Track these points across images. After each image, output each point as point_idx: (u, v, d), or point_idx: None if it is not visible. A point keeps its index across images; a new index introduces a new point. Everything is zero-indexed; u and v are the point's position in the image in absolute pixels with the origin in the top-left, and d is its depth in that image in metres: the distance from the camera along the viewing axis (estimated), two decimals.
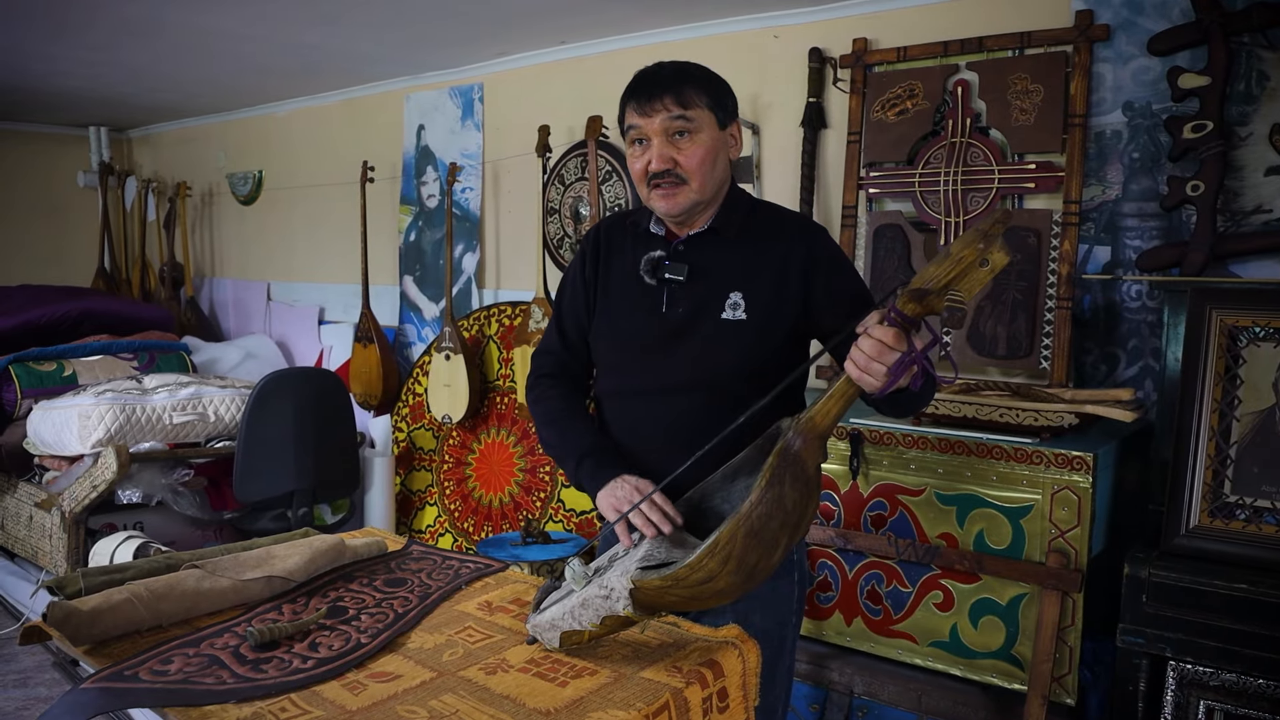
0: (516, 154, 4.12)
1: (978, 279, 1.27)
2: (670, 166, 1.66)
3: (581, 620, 1.47)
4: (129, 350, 4.29)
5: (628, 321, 1.79)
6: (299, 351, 5.22)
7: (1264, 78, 2.43)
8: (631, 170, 1.72)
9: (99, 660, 1.48)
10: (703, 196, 1.70)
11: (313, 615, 1.64)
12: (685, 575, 1.34)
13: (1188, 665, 2.02)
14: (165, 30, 3.64)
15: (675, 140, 1.66)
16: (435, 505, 4.26)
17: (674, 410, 1.74)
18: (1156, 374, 2.60)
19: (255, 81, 4.70)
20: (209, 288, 6.02)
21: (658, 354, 1.75)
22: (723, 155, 1.72)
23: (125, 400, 3.45)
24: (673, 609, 1.45)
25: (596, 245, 1.86)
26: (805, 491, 1.35)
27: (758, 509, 1.30)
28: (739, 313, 1.69)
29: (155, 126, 6.24)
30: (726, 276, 1.71)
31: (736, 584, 1.34)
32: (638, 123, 1.67)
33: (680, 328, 1.73)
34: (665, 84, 1.65)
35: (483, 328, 4.18)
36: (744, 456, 1.56)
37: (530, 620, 1.57)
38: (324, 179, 5.07)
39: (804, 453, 1.35)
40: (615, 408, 1.84)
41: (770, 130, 3.37)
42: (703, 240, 1.74)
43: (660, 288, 1.74)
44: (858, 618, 2.50)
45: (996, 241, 1.27)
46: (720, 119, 1.69)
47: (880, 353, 1.30)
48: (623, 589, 1.40)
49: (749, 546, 1.31)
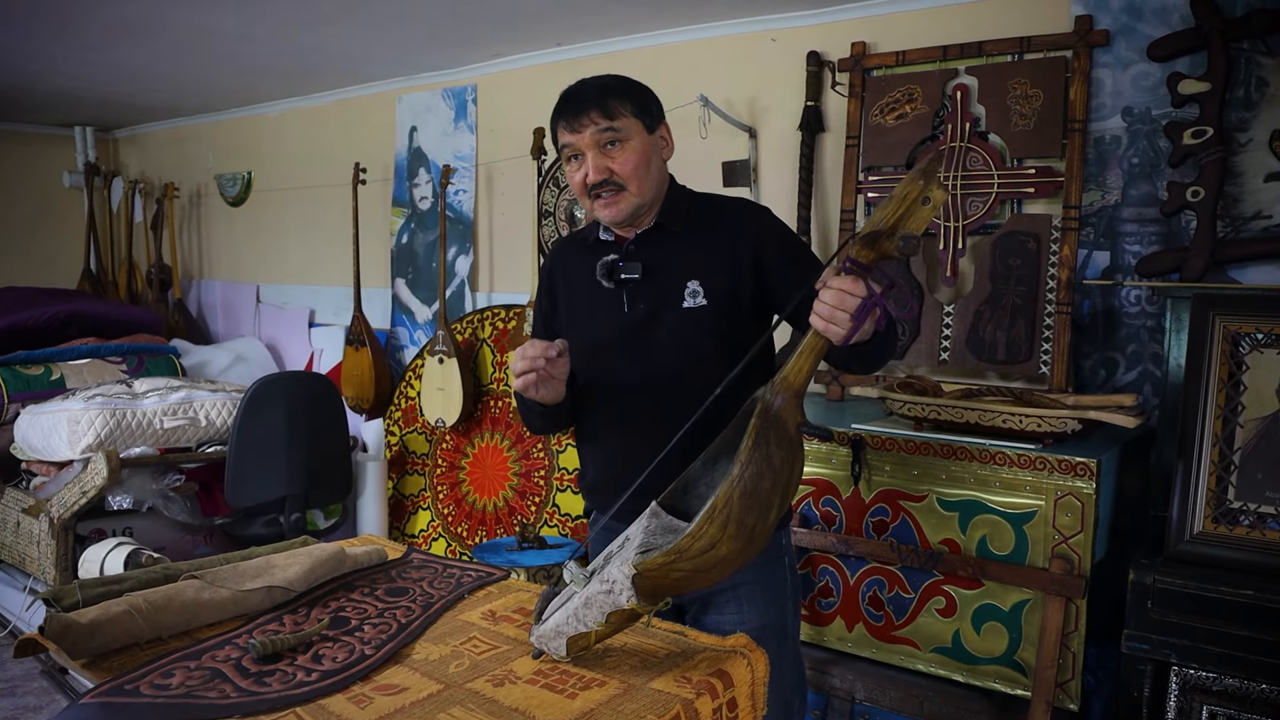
0: (510, 156, 4.10)
1: (923, 216, 1.34)
2: (607, 176, 1.74)
3: (586, 621, 1.46)
4: (117, 354, 4.24)
5: (594, 328, 1.84)
6: (289, 354, 5.18)
7: (1263, 84, 2.43)
8: (571, 184, 1.79)
9: (97, 674, 1.45)
10: (643, 199, 1.77)
11: (315, 626, 1.62)
12: (688, 545, 1.35)
13: (1191, 671, 2.01)
14: (162, 30, 3.60)
15: (608, 150, 1.73)
16: (428, 510, 4.23)
17: (652, 405, 1.78)
18: (1156, 379, 2.60)
19: (248, 82, 4.66)
20: (197, 290, 5.97)
21: (627, 352, 1.81)
22: (656, 157, 1.79)
23: (116, 405, 3.41)
24: (677, 589, 1.45)
25: (551, 273, 1.94)
26: (790, 450, 1.38)
27: (748, 469, 1.34)
28: (699, 299, 1.76)
29: (142, 127, 6.18)
30: (681, 267, 1.78)
31: (738, 549, 1.36)
32: (569, 139, 1.75)
33: (644, 323, 1.79)
34: (590, 99, 1.73)
35: (476, 331, 4.15)
36: (722, 439, 1.57)
37: (534, 632, 1.55)
38: (315, 180, 5.03)
39: (783, 412, 1.40)
40: (596, 413, 1.89)
41: (767, 134, 3.36)
42: (651, 237, 1.81)
43: (619, 289, 1.80)
44: (859, 623, 2.49)
45: (935, 179, 1.34)
46: (647, 124, 1.77)
47: (842, 300, 1.35)
48: (624, 578, 1.40)
49: (745, 508, 1.33)
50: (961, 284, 2.89)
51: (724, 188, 3.34)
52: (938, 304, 2.87)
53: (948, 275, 2.87)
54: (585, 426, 1.93)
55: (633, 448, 1.77)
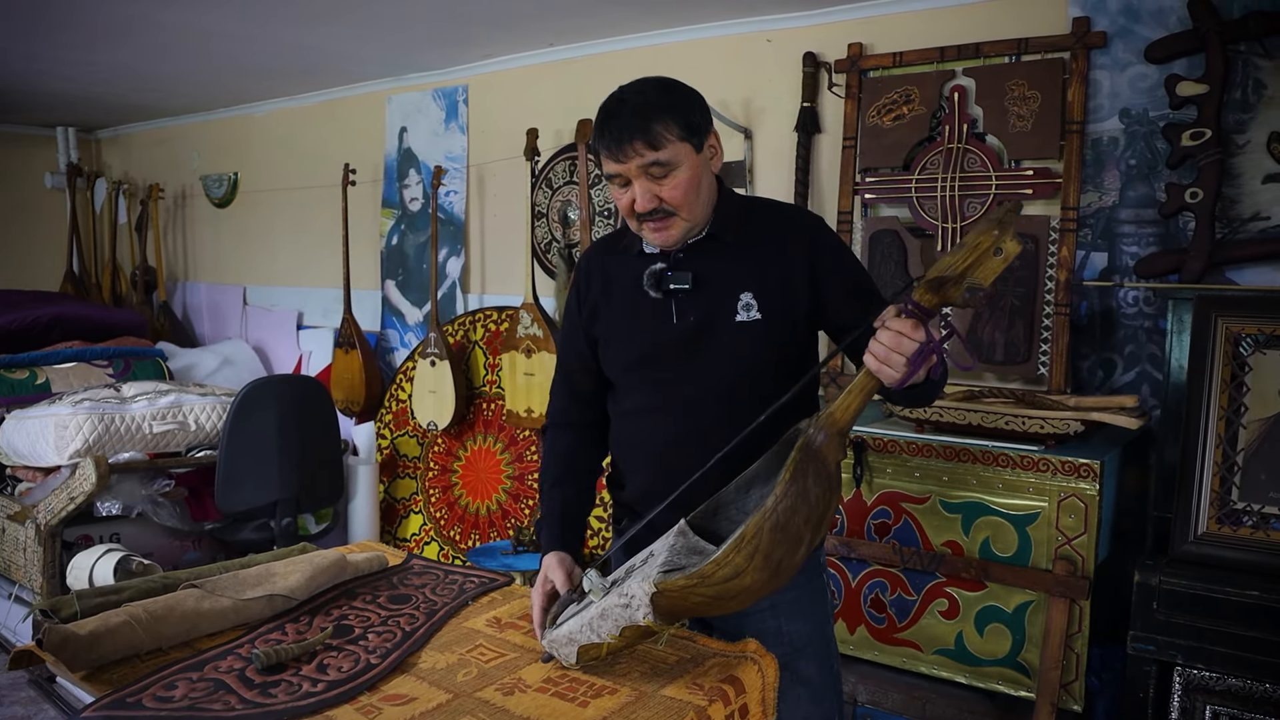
0: (502, 157, 4.07)
1: (992, 267, 1.31)
2: (656, 205, 1.61)
3: (600, 632, 1.44)
4: (103, 357, 4.18)
5: (639, 338, 1.74)
6: (277, 357, 5.13)
7: (1261, 86, 2.44)
8: (618, 205, 1.67)
9: (97, 686, 1.42)
10: (694, 222, 1.66)
11: (318, 635, 1.59)
12: (711, 572, 1.32)
13: (1194, 671, 2.01)
14: (146, 29, 3.55)
15: (656, 179, 1.60)
16: (420, 513, 4.20)
17: (699, 420, 1.70)
18: (1154, 380, 2.61)
19: (234, 82, 4.61)
20: (182, 292, 5.91)
21: (675, 365, 1.71)
22: (706, 176, 1.66)
23: (104, 409, 3.36)
24: (696, 612, 1.42)
25: (589, 275, 1.82)
26: (828, 487, 1.36)
27: (783, 503, 1.31)
28: (753, 313, 1.66)
29: (125, 127, 6.11)
30: (734, 279, 1.68)
31: (762, 581, 1.33)
32: (614, 169, 1.62)
33: (694, 335, 1.69)
34: (631, 128, 1.58)
35: (468, 333, 4.12)
36: (758, 467, 1.54)
37: (546, 636, 1.53)
38: (303, 181, 4.98)
39: (825, 448, 1.37)
40: (636, 426, 1.79)
41: (763, 135, 3.34)
42: (702, 247, 1.71)
43: (667, 299, 1.70)
44: (861, 626, 2.48)
45: (1009, 230, 1.31)
46: (696, 144, 1.62)
47: (899, 344, 1.31)
48: (644, 595, 1.38)
49: (775, 541, 1.30)
50: None
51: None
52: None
53: None
54: (626, 438, 1.82)
55: (676, 463, 1.67)
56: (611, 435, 1.85)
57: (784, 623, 1.74)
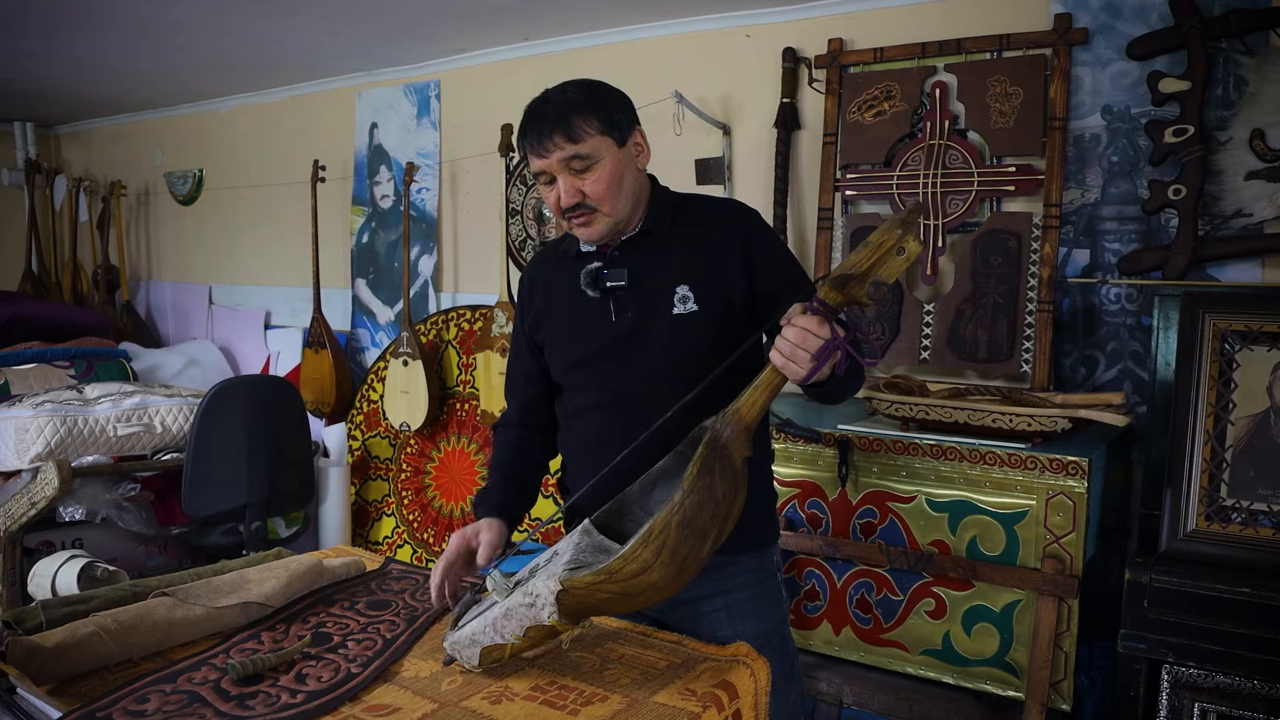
0: (476, 153, 4.01)
1: (895, 266, 1.34)
2: (579, 199, 1.65)
3: (504, 633, 1.41)
4: (64, 358, 4.07)
5: (581, 338, 1.78)
6: (244, 357, 5.03)
7: (1243, 82, 2.44)
8: (546, 204, 1.72)
9: (65, 700, 1.36)
10: (618, 217, 1.69)
11: (296, 644, 1.53)
12: (619, 568, 1.31)
13: (1183, 669, 2.00)
14: (107, 20, 3.45)
15: (578, 174, 1.65)
16: (393, 516, 4.13)
17: (643, 414, 1.68)
18: (1136, 376, 2.61)
19: (199, 76, 4.50)
20: (146, 291, 5.77)
21: (614, 361, 1.74)
22: (630, 171, 1.69)
23: (66, 411, 3.26)
24: (602, 610, 1.41)
25: (532, 283, 1.87)
26: (734, 483, 1.36)
27: (690, 498, 1.31)
28: (690, 305, 1.70)
29: (86, 123, 5.97)
30: (669, 273, 1.71)
31: (669, 577, 1.32)
32: (538, 166, 1.67)
33: (633, 331, 1.72)
34: (552, 122, 1.63)
35: (441, 332, 4.05)
36: (663, 465, 1.53)
37: (448, 638, 1.49)
38: (270, 178, 4.89)
39: (731, 444, 1.37)
40: (582, 425, 1.82)
41: (741, 131, 3.31)
42: (637, 243, 1.74)
43: (605, 298, 1.73)
44: (847, 627, 2.45)
45: (913, 230, 1.34)
46: (617, 139, 1.67)
47: (804, 340, 1.34)
48: (549, 593, 1.36)
49: (682, 537, 1.30)
50: (941, 283, 2.86)
51: (697, 186, 3.29)
52: (917, 303, 2.84)
53: (927, 274, 2.85)
54: (574, 437, 1.84)
55: (624, 460, 1.68)
56: (560, 437, 1.89)
57: (739, 625, 1.76)
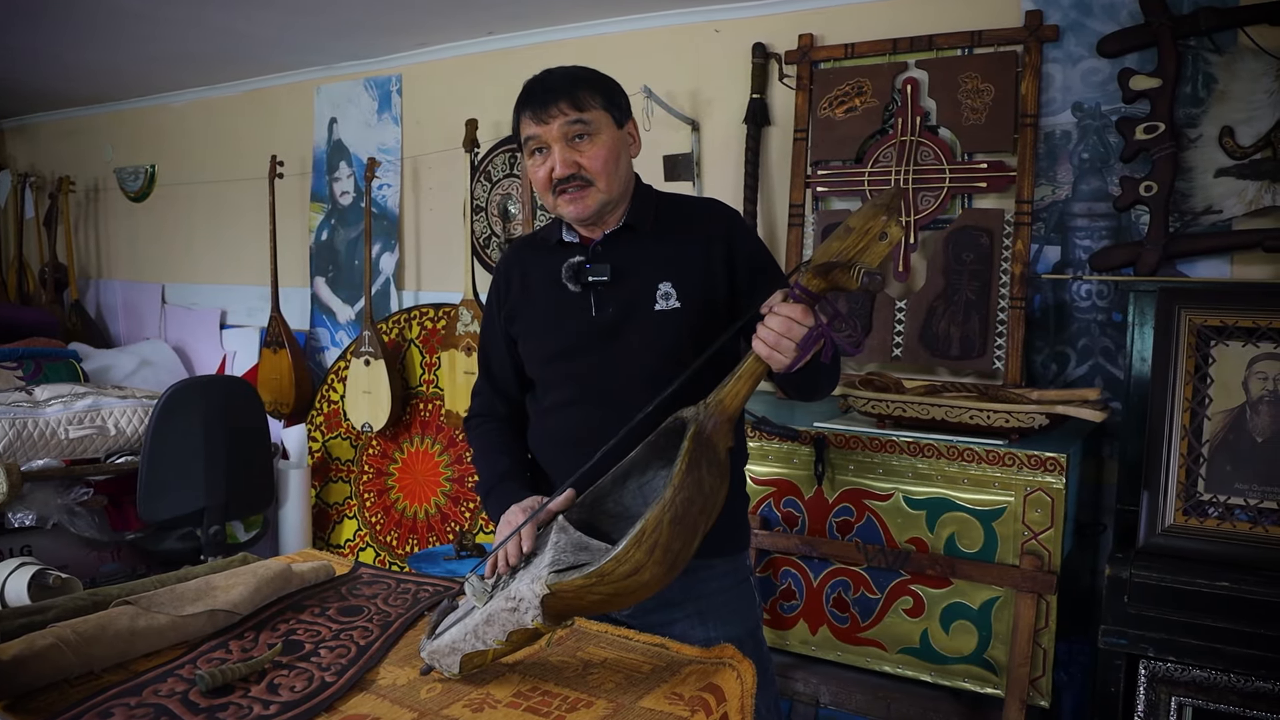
0: (438, 149, 3.94)
1: (878, 251, 1.31)
2: (575, 170, 1.65)
3: (486, 638, 1.37)
4: (11, 358, 3.93)
5: (558, 332, 1.75)
6: (199, 358, 4.90)
7: (1212, 80, 2.46)
8: (534, 180, 1.70)
9: (23, 716, 1.28)
10: (610, 195, 1.68)
11: (266, 653, 1.47)
12: (611, 569, 1.27)
13: (1159, 663, 2.01)
14: (54, 9, 3.32)
15: (575, 144, 1.65)
16: (355, 518, 4.04)
17: (621, 410, 1.64)
18: (1107, 373, 2.62)
19: (151, 69, 4.36)
20: (95, 290, 5.60)
21: (593, 357, 1.72)
22: (624, 153, 1.72)
23: (15, 414, 3.13)
24: (588, 611, 1.37)
25: (509, 272, 1.83)
26: (719, 475, 1.34)
27: (680, 494, 1.28)
28: (672, 301, 1.69)
29: (32, 117, 5.78)
30: (652, 269, 1.70)
31: (660, 575, 1.29)
32: (536, 131, 1.66)
33: (614, 326, 1.70)
34: (559, 89, 1.64)
35: (403, 331, 3.98)
36: (633, 457, 1.50)
37: (425, 647, 1.44)
38: (225, 174, 4.76)
39: (715, 436, 1.35)
40: (559, 420, 1.78)
41: (711, 127, 3.28)
42: (619, 238, 1.73)
43: (586, 292, 1.71)
44: (823, 626, 2.43)
45: (896, 215, 1.32)
46: (616, 118, 1.69)
47: (789, 328, 1.33)
48: (534, 597, 1.31)
49: (674, 534, 1.27)
50: (913, 279, 2.86)
51: (666, 182, 3.26)
52: (890, 300, 2.83)
53: (899, 271, 2.84)
54: (549, 434, 1.81)
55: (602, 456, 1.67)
56: (532, 434, 1.85)
57: (712, 629, 1.74)
